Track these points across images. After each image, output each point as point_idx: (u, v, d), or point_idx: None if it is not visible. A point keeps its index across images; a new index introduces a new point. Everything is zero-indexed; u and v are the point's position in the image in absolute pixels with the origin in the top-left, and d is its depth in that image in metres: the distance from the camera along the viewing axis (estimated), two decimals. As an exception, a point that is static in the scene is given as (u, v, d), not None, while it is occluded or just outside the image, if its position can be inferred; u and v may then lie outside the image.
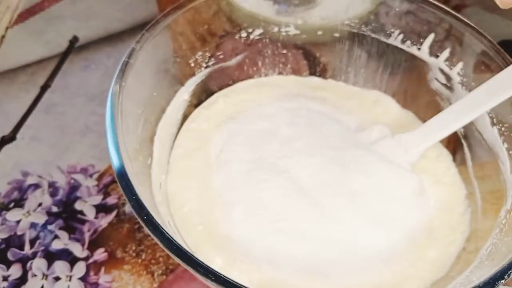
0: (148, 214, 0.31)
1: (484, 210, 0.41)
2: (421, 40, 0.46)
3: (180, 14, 0.43)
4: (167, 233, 0.31)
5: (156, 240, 0.31)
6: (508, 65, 0.40)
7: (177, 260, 0.30)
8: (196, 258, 0.30)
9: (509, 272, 0.31)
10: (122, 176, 0.32)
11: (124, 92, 0.36)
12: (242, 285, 0.29)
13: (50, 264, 0.45)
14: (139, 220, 0.31)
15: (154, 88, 0.43)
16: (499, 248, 0.35)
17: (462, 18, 0.43)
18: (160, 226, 0.31)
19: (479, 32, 0.42)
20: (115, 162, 0.33)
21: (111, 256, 0.46)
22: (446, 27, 0.44)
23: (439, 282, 0.38)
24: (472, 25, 0.43)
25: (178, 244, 0.30)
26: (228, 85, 0.49)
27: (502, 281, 0.31)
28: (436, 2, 0.44)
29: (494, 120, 0.41)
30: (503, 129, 0.41)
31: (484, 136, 0.42)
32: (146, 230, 0.31)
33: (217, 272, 0.29)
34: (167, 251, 0.30)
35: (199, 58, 0.47)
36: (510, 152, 0.40)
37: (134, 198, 0.32)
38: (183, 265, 0.30)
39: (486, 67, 0.42)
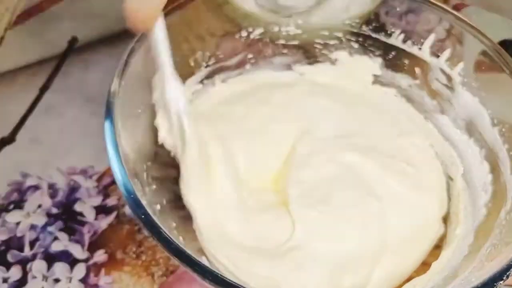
0: (146, 214, 0.31)
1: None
2: (422, 40, 0.46)
3: (179, 13, 0.43)
4: (165, 232, 0.31)
5: (152, 237, 0.31)
6: (509, 65, 0.40)
7: (173, 258, 0.30)
8: (194, 258, 0.30)
9: (508, 273, 0.31)
10: (121, 177, 0.32)
11: (123, 92, 0.36)
12: (240, 285, 0.29)
13: (50, 265, 0.45)
14: (136, 220, 0.32)
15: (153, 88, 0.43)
16: (499, 249, 0.35)
17: (462, 17, 0.43)
18: (159, 226, 0.31)
19: (480, 32, 0.42)
20: (114, 163, 0.33)
21: (111, 257, 0.46)
22: (446, 27, 0.44)
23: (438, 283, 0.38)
24: (473, 24, 0.43)
25: (176, 243, 0.30)
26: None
27: (501, 282, 0.31)
28: (436, 2, 0.44)
29: (495, 121, 0.41)
30: (503, 130, 0.41)
31: (484, 137, 0.42)
32: (144, 229, 0.31)
33: (215, 272, 0.29)
34: (163, 249, 0.30)
35: (199, 58, 0.47)
36: (510, 153, 0.40)
37: (132, 197, 0.32)
38: (180, 264, 0.30)
39: (486, 67, 0.42)
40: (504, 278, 0.31)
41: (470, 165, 0.44)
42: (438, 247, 0.42)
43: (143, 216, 0.31)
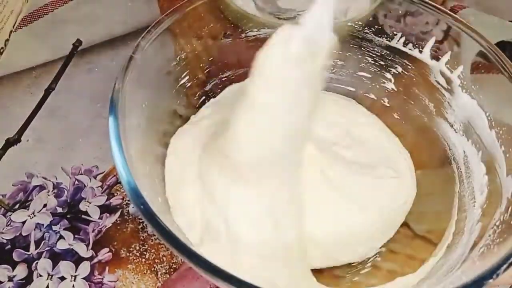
0: (150, 211, 0.32)
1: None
2: (423, 42, 0.46)
3: (181, 15, 0.43)
4: (169, 229, 0.31)
5: (156, 235, 0.31)
6: (505, 66, 0.40)
7: (177, 254, 0.31)
8: (197, 253, 0.30)
9: (497, 272, 0.31)
10: (125, 175, 0.33)
11: (127, 90, 0.37)
12: (242, 280, 0.29)
13: (55, 264, 0.45)
14: (140, 217, 0.32)
15: (156, 87, 0.43)
16: (491, 249, 0.36)
17: (460, 19, 0.43)
18: (163, 223, 0.31)
19: (477, 33, 0.42)
20: (118, 162, 0.33)
21: (115, 255, 0.46)
22: (444, 29, 0.44)
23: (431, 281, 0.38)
24: (470, 26, 0.43)
25: (180, 240, 0.31)
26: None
27: (491, 280, 0.31)
28: (433, 4, 0.44)
29: (492, 123, 0.42)
30: (500, 132, 0.41)
31: (482, 139, 0.42)
32: (148, 227, 0.31)
33: (218, 267, 0.29)
34: (167, 245, 0.31)
35: (200, 59, 0.47)
36: (507, 155, 0.40)
37: (136, 196, 0.32)
38: (184, 260, 0.30)
39: (484, 68, 0.42)
40: (494, 276, 0.31)
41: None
42: (433, 244, 0.42)
43: (148, 217, 0.31)
